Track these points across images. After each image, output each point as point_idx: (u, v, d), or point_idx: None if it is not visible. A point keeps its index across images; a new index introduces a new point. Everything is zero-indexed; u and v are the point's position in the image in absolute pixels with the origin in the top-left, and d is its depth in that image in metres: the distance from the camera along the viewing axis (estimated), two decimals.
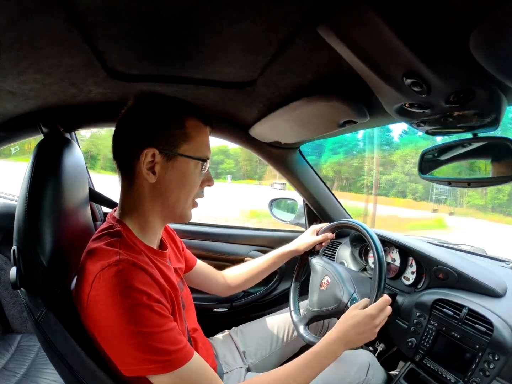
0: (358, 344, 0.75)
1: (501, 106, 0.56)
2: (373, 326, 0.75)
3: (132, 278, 0.55)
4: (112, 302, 0.53)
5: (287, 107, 0.83)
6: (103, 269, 0.55)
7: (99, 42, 0.59)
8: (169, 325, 0.58)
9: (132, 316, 0.53)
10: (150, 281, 0.58)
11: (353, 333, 0.74)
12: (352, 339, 0.74)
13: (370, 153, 12.41)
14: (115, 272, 0.55)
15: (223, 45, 0.60)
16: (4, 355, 1.13)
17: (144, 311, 0.54)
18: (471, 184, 0.65)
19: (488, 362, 0.71)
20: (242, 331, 1.04)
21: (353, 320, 0.75)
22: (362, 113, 0.75)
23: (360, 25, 0.44)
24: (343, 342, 0.73)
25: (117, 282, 0.54)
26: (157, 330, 0.55)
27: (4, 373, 1.04)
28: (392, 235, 1.09)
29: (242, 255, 1.44)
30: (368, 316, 0.75)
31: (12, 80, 0.73)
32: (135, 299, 0.54)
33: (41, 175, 0.68)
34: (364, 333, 0.74)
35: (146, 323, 0.54)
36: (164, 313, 0.58)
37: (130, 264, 0.57)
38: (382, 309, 0.77)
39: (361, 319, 0.75)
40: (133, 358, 0.54)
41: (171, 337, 0.57)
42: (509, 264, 0.99)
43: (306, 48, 0.57)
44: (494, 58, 0.43)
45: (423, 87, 0.50)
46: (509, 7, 0.34)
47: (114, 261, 0.56)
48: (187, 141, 0.65)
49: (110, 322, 0.54)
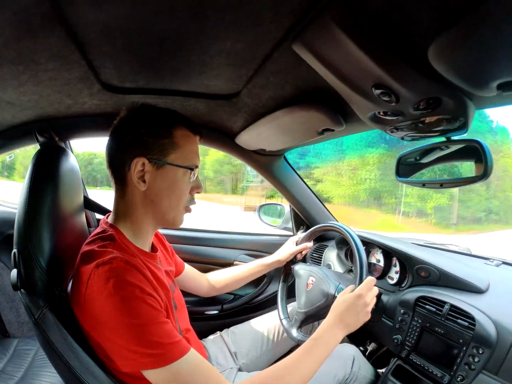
0: (356, 326, 0.77)
1: (468, 111, 0.60)
2: (364, 304, 0.77)
3: (125, 274, 0.57)
4: (106, 296, 0.55)
5: (269, 117, 0.87)
6: (97, 267, 0.58)
7: (95, 58, 0.63)
8: (162, 318, 0.59)
9: (126, 308, 0.55)
10: (142, 278, 0.60)
11: (348, 315, 0.75)
12: (348, 321, 0.75)
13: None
14: (108, 268, 0.57)
15: (210, 61, 0.63)
16: (2, 359, 1.14)
17: (137, 303, 0.56)
18: (443, 185, 0.69)
19: (473, 356, 0.73)
20: (233, 333, 1.06)
21: (344, 304, 0.77)
22: (338, 122, 0.80)
23: (330, 43, 0.48)
24: (340, 325, 0.75)
25: (111, 276, 0.56)
26: (150, 322, 0.56)
27: (2, 376, 1.05)
28: (376, 236, 1.12)
29: (231, 259, 1.46)
30: (357, 296, 0.77)
31: (11, 91, 0.76)
32: (128, 291, 0.56)
33: (40, 182, 0.71)
34: (358, 313, 0.76)
35: (139, 315, 0.55)
36: (157, 307, 0.59)
37: (123, 262, 0.59)
38: (369, 289, 0.79)
39: (352, 301, 0.77)
40: (128, 352, 0.55)
41: (165, 330, 0.58)
42: (493, 261, 1.02)
43: (285, 63, 0.61)
44: (453, 69, 0.47)
45: (392, 97, 0.54)
46: (462, 27, 0.39)
47: (108, 259, 0.58)
48: (176, 150, 0.67)
49: (106, 317, 0.56)
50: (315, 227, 1.08)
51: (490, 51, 0.41)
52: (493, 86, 0.48)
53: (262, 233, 1.59)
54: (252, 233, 1.60)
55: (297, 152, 13.20)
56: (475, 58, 0.43)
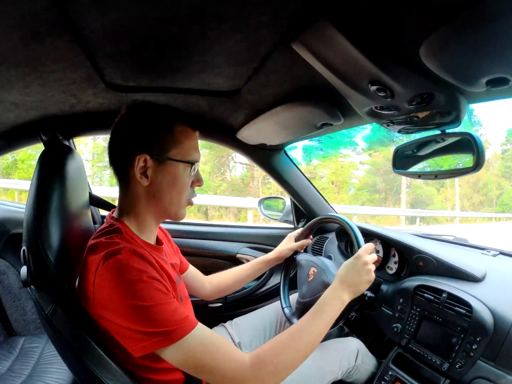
0: (361, 288, 0.77)
1: (460, 106, 0.62)
2: (364, 263, 0.78)
3: (133, 262, 0.59)
4: (115, 284, 0.57)
5: (270, 113, 0.89)
6: (105, 256, 0.59)
7: (100, 59, 0.64)
8: (170, 299, 0.60)
9: (133, 292, 0.57)
10: (149, 266, 0.62)
11: (349, 275, 0.77)
12: (351, 281, 0.76)
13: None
14: (117, 258, 0.59)
15: (211, 61, 0.65)
16: (9, 358, 1.16)
17: (145, 286, 0.58)
18: (438, 176, 0.71)
19: (471, 343, 0.74)
20: (237, 324, 1.07)
21: (345, 268, 0.79)
22: (336, 116, 0.82)
23: (327, 43, 0.50)
24: (343, 286, 0.76)
25: (119, 264, 0.58)
26: (158, 302, 0.58)
27: (10, 375, 1.07)
28: (375, 228, 1.15)
29: (233, 252, 1.48)
30: (356, 257, 0.79)
31: (16, 92, 0.77)
32: (135, 276, 0.58)
33: (47, 180, 0.72)
34: (359, 272, 0.77)
35: (147, 298, 0.57)
36: (164, 290, 0.61)
37: (131, 252, 0.61)
38: (367, 251, 0.80)
39: (351, 262, 0.79)
40: (139, 334, 0.56)
41: (173, 308, 0.59)
42: (490, 251, 1.04)
43: (283, 62, 0.63)
44: (444, 67, 0.49)
45: (387, 92, 0.56)
46: (448, 29, 0.41)
47: (116, 249, 0.60)
48: (176, 145, 0.68)
49: (115, 304, 0.57)
50: (312, 222, 1.10)
51: (478, 49, 0.43)
52: (482, 82, 0.50)
53: (264, 226, 1.61)
54: (253, 226, 1.61)
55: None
56: (464, 56, 0.45)
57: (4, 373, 1.08)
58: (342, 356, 0.96)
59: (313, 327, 0.69)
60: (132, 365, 0.66)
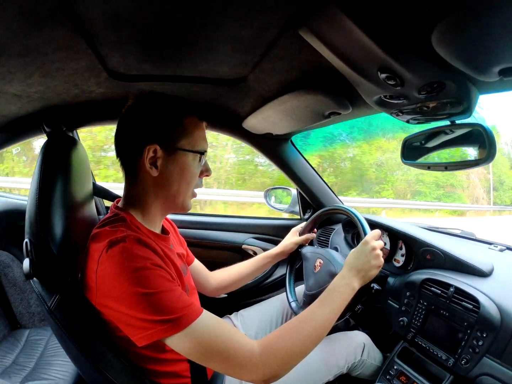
0: (370, 273, 0.77)
1: (471, 96, 0.61)
2: (372, 248, 0.77)
3: (137, 250, 0.59)
4: (119, 272, 0.56)
5: (276, 101, 0.87)
6: (108, 244, 0.59)
7: (102, 48, 0.63)
8: (174, 286, 0.60)
9: (138, 279, 0.56)
10: (154, 255, 0.61)
11: (358, 261, 0.76)
12: (360, 266, 0.76)
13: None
14: (120, 245, 0.58)
15: (216, 47, 0.63)
16: (14, 350, 1.16)
17: (149, 274, 0.57)
18: (448, 168, 0.70)
19: (477, 339, 0.74)
20: (242, 316, 1.08)
21: (352, 255, 0.79)
22: (344, 105, 0.80)
23: (335, 28, 0.49)
24: (353, 272, 0.75)
25: (123, 252, 0.57)
26: (163, 290, 0.57)
27: (14, 368, 1.07)
28: (382, 220, 1.14)
29: (239, 243, 1.47)
30: (364, 243, 0.79)
31: (18, 83, 0.76)
32: (139, 264, 0.57)
33: (50, 172, 0.72)
34: (367, 256, 0.77)
35: (151, 285, 0.56)
36: (168, 278, 0.60)
37: (135, 240, 0.60)
38: (374, 237, 0.80)
39: (359, 248, 0.78)
40: (144, 322, 0.55)
41: (177, 295, 0.59)
42: (497, 246, 1.03)
43: (290, 49, 0.62)
44: (456, 54, 0.48)
45: (397, 81, 0.55)
46: (462, 12, 0.39)
47: (120, 237, 0.59)
48: (186, 136, 0.68)
49: (119, 291, 0.57)
50: (316, 214, 1.09)
51: (492, 36, 0.41)
52: (495, 72, 0.48)
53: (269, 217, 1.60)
54: (259, 216, 1.61)
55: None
56: (477, 43, 0.44)
57: (9, 366, 1.09)
58: (348, 350, 0.95)
59: (322, 314, 0.69)
60: (137, 356, 0.66)
